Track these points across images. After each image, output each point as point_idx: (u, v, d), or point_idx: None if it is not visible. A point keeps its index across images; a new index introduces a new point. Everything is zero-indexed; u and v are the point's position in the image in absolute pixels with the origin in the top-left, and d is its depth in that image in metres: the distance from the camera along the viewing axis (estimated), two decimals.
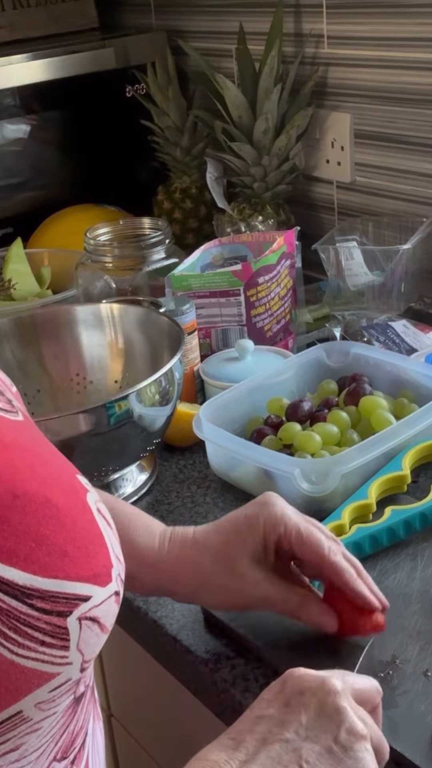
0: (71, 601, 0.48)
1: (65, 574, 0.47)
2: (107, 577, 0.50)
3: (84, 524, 0.50)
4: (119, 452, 0.97)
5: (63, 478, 0.51)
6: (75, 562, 0.48)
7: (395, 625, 0.78)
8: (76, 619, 0.48)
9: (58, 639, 0.47)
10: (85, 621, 0.48)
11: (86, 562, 0.49)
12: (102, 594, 0.49)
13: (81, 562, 0.49)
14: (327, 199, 1.56)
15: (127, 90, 1.71)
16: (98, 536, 0.51)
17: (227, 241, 1.31)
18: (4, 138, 1.63)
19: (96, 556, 0.50)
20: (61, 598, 0.47)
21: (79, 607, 0.48)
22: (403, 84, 1.35)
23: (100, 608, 0.49)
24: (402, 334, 1.24)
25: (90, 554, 0.49)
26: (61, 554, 0.48)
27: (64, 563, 0.48)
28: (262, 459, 0.95)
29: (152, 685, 0.98)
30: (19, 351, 1.13)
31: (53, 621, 0.47)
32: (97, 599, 0.49)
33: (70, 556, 0.48)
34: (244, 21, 1.53)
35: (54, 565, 0.47)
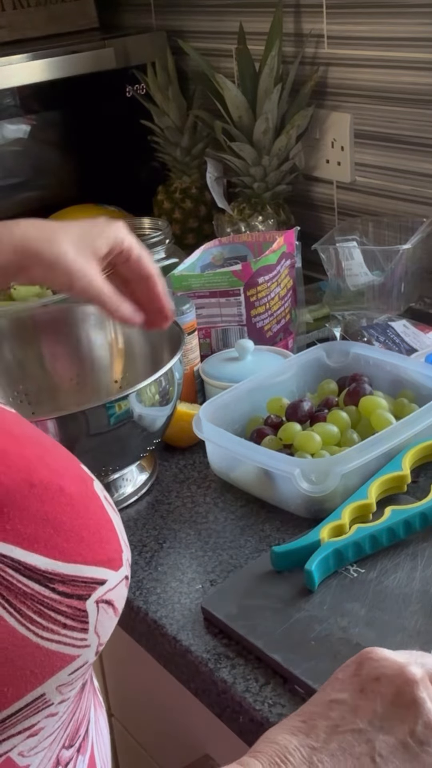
0: (89, 585, 0.49)
1: (83, 558, 0.49)
2: (119, 561, 0.52)
3: (95, 510, 0.51)
4: (119, 452, 0.97)
5: (71, 467, 0.53)
6: (91, 547, 0.49)
7: (395, 625, 0.78)
8: (94, 602, 0.49)
9: (78, 621, 0.48)
10: (101, 604, 0.50)
11: (100, 547, 0.50)
12: (115, 578, 0.51)
13: (96, 547, 0.50)
14: (327, 199, 1.56)
15: (127, 90, 1.71)
16: (108, 522, 0.52)
17: (227, 241, 1.31)
18: (4, 138, 1.63)
19: (109, 542, 0.51)
20: (80, 582, 0.48)
21: (96, 591, 0.49)
22: (403, 84, 1.35)
23: (114, 591, 0.51)
24: (402, 334, 1.24)
25: (103, 539, 0.51)
26: (78, 539, 0.49)
27: (81, 548, 0.49)
28: (262, 459, 0.95)
29: (152, 685, 0.98)
30: (19, 351, 1.13)
31: (74, 604, 0.48)
32: (111, 583, 0.50)
33: (86, 542, 0.49)
34: (244, 21, 1.53)
35: (73, 550, 0.48)
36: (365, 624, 0.78)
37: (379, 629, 0.78)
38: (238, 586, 0.85)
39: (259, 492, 0.99)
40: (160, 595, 0.87)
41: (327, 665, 0.74)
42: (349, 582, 0.84)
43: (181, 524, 0.97)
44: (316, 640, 0.77)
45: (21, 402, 1.11)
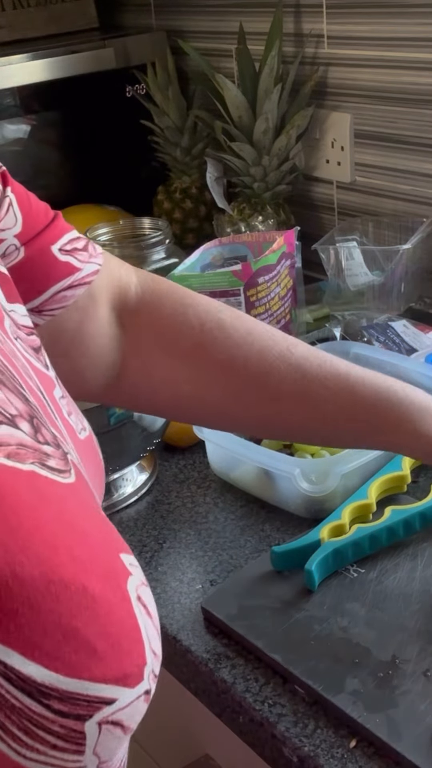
0: (93, 704, 0.42)
1: (91, 674, 0.42)
2: (139, 677, 0.45)
3: (121, 615, 0.45)
4: (119, 452, 0.97)
5: (102, 560, 0.45)
6: (104, 661, 0.43)
7: (395, 625, 0.78)
8: (96, 723, 0.43)
9: (72, 743, 0.42)
10: (106, 725, 0.43)
11: (117, 661, 0.44)
12: (130, 696, 0.44)
13: (111, 661, 0.43)
14: (327, 199, 1.56)
15: (127, 90, 1.71)
16: (134, 629, 0.45)
17: (227, 241, 1.31)
18: (4, 138, 1.63)
19: (129, 654, 0.45)
20: (82, 701, 0.42)
21: (101, 711, 0.43)
22: (403, 84, 1.35)
23: (126, 711, 0.44)
24: (402, 334, 1.24)
25: (123, 651, 0.44)
26: (90, 652, 0.42)
27: (92, 662, 0.42)
28: (262, 459, 0.95)
29: None
30: None
31: (69, 724, 0.42)
32: (123, 701, 0.44)
33: (99, 655, 0.43)
34: (244, 21, 1.53)
35: (80, 663, 0.42)
36: (365, 624, 0.78)
37: (379, 629, 0.78)
38: (238, 586, 0.85)
39: (259, 492, 0.99)
40: (160, 595, 0.87)
41: (327, 665, 0.74)
42: (349, 582, 0.84)
43: (181, 524, 0.97)
44: (316, 640, 0.77)
45: None
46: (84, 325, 0.71)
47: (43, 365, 0.59)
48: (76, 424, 0.57)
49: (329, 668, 0.74)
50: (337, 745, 0.69)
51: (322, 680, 0.73)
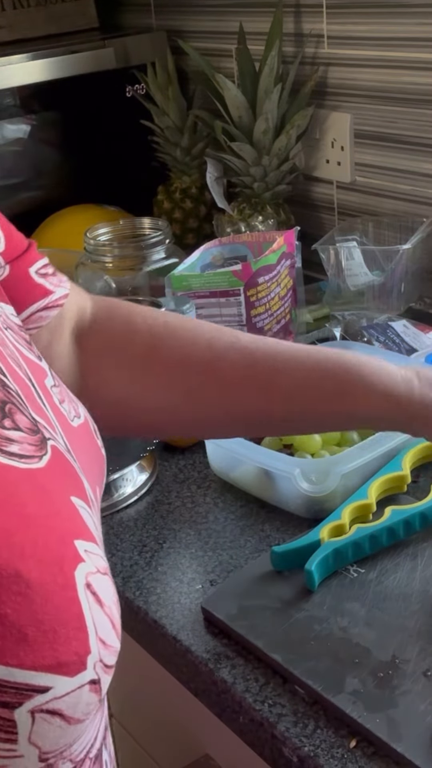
0: (22, 692, 0.42)
1: (18, 661, 0.42)
2: (79, 665, 0.44)
3: (60, 603, 0.44)
4: (119, 452, 0.97)
5: (48, 546, 0.45)
6: (35, 648, 0.43)
7: (395, 625, 0.78)
8: (28, 711, 0.42)
9: (1, 731, 0.42)
10: (40, 714, 0.43)
11: (51, 649, 0.43)
12: (68, 685, 0.44)
13: (44, 648, 0.43)
14: (327, 199, 1.56)
15: (127, 90, 1.71)
16: (76, 618, 0.45)
17: (227, 241, 1.31)
18: (4, 138, 1.63)
19: (66, 642, 0.44)
20: (9, 688, 0.42)
21: (32, 699, 0.42)
22: (403, 84, 1.35)
23: (64, 700, 0.44)
24: (402, 334, 1.24)
25: (59, 640, 0.43)
26: (19, 638, 0.42)
27: (20, 649, 0.42)
28: (262, 459, 0.95)
29: (152, 685, 0.98)
30: None
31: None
32: (59, 690, 0.43)
33: (29, 641, 0.42)
34: (244, 21, 1.53)
35: (7, 650, 0.42)
36: (365, 624, 0.78)
37: (379, 629, 0.78)
38: (238, 586, 0.85)
39: (259, 492, 0.99)
40: (160, 595, 0.87)
41: (327, 665, 0.74)
42: (349, 582, 0.84)
43: (181, 524, 0.97)
44: (316, 640, 0.77)
45: None
46: (52, 346, 0.73)
47: (36, 356, 0.60)
48: (69, 411, 0.58)
49: (329, 668, 0.74)
50: (337, 745, 0.69)
51: (322, 680, 0.73)
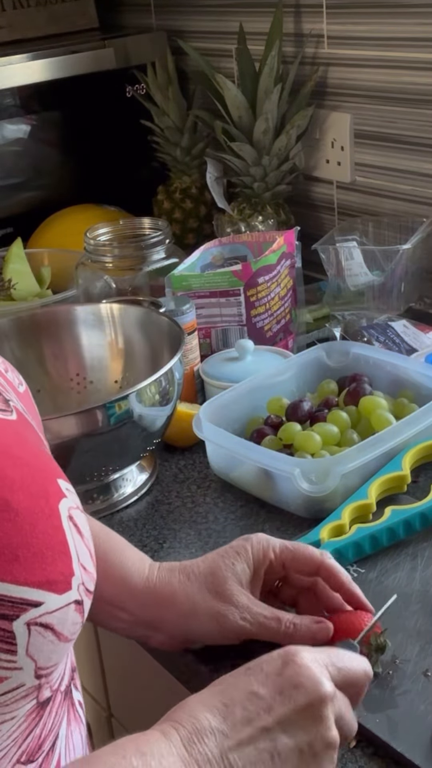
0: (18, 605, 0.48)
1: (13, 577, 0.47)
2: (65, 584, 0.50)
3: (45, 529, 0.50)
4: (119, 452, 0.97)
5: (35, 482, 0.51)
6: (26, 566, 0.48)
7: (395, 625, 0.78)
8: (24, 623, 0.48)
9: (4, 642, 0.47)
10: (35, 627, 0.48)
11: (40, 568, 0.49)
12: (58, 601, 0.49)
13: (34, 567, 0.48)
14: (327, 199, 1.56)
15: (127, 90, 1.71)
16: (61, 543, 0.51)
17: (227, 241, 1.31)
18: (4, 138, 1.63)
19: (53, 563, 0.50)
20: (6, 602, 0.47)
21: (27, 612, 0.48)
22: (403, 84, 1.35)
23: (55, 615, 0.49)
24: (402, 334, 1.24)
25: (47, 560, 0.49)
26: (11, 558, 0.48)
27: (13, 567, 0.48)
28: (262, 459, 0.95)
29: (152, 685, 0.98)
30: (19, 351, 1.13)
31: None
32: (50, 606, 0.49)
33: (21, 561, 0.48)
34: (244, 21, 1.53)
35: (1, 568, 0.47)
36: None
37: None
38: None
39: (259, 492, 0.99)
40: None
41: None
42: None
43: (181, 524, 0.97)
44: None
45: None
46: None
47: None
48: (14, 379, 0.63)
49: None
50: None
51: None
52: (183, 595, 0.74)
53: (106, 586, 0.74)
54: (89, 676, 1.13)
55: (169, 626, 0.75)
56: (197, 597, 0.73)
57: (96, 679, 1.14)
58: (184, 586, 0.74)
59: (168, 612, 0.74)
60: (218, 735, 0.55)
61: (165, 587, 0.75)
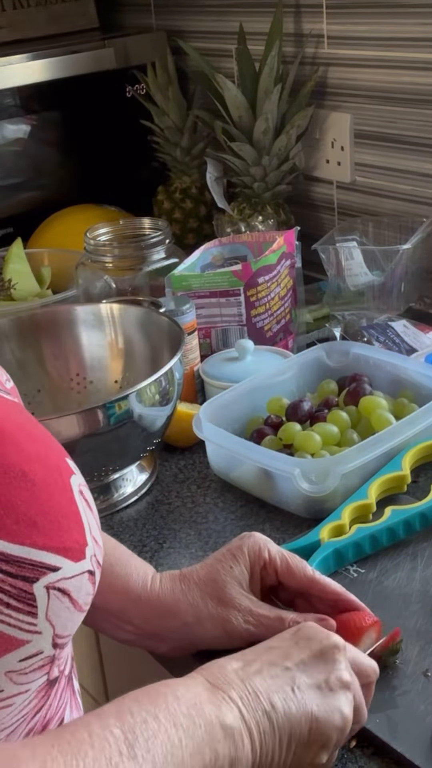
0: (38, 569, 0.49)
1: (32, 541, 0.49)
2: (80, 553, 0.52)
3: (61, 500, 0.52)
4: (119, 452, 0.97)
5: (49, 457, 0.54)
6: (44, 532, 0.50)
7: (395, 625, 0.78)
8: (44, 587, 0.50)
9: (24, 604, 0.49)
10: (53, 591, 0.50)
11: (57, 535, 0.51)
12: (73, 568, 0.51)
13: (51, 533, 0.51)
14: (327, 199, 1.56)
15: (127, 90, 1.71)
16: (74, 514, 0.53)
17: (227, 241, 1.31)
18: (4, 138, 1.63)
19: (69, 531, 0.52)
20: (27, 564, 0.49)
21: (46, 576, 0.50)
22: (403, 84, 1.35)
23: (71, 581, 0.51)
24: (402, 334, 1.24)
25: (63, 528, 0.51)
26: (30, 523, 0.50)
27: (32, 532, 0.50)
28: (262, 459, 0.95)
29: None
30: (19, 351, 1.13)
31: (18, 585, 0.49)
32: (67, 572, 0.51)
33: (39, 527, 0.50)
34: (244, 21, 1.53)
35: (21, 532, 0.49)
36: None
37: None
38: None
39: (259, 492, 0.99)
40: None
41: None
42: (349, 582, 0.84)
43: (181, 524, 0.97)
44: None
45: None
46: None
47: None
48: (1, 375, 0.65)
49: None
50: None
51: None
52: (186, 604, 0.74)
53: (111, 598, 0.75)
54: (89, 676, 1.13)
55: (174, 636, 0.76)
56: (200, 605, 0.74)
57: (96, 679, 1.14)
58: (186, 596, 0.74)
59: (172, 622, 0.75)
60: (241, 671, 0.60)
61: (168, 598, 0.75)
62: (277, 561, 0.74)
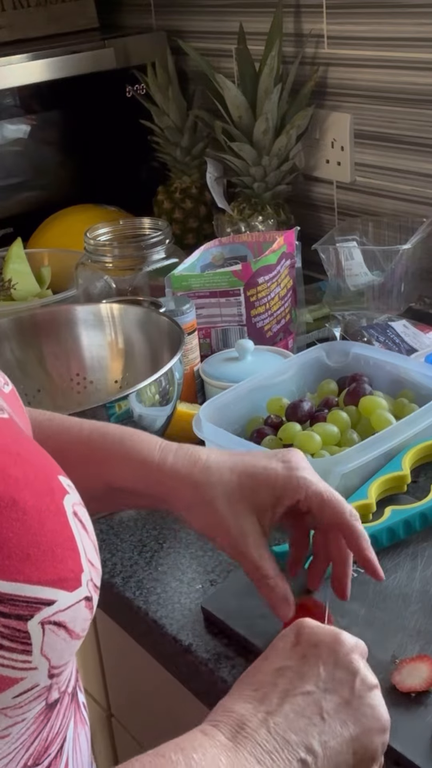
0: (32, 605, 0.47)
1: (26, 577, 0.47)
2: (75, 582, 0.50)
3: (53, 527, 0.50)
4: None
5: (39, 479, 0.51)
6: (38, 565, 0.48)
7: (395, 625, 0.78)
8: (38, 623, 0.47)
9: (19, 643, 0.47)
10: (49, 626, 0.48)
11: (51, 566, 0.48)
12: (69, 599, 0.49)
13: (45, 565, 0.48)
14: (327, 199, 1.56)
15: (127, 90, 1.71)
16: (69, 540, 0.50)
17: (227, 241, 1.31)
18: (4, 138, 1.63)
19: (63, 560, 0.49)
20: (20, 602, 0.47)
21: (41, 611, 0.47)
22: (403, 84, 1.35)
23: (67, 613, 0.49)
24: (402, 334, 1.24)
25: (57, 558, 0.49)
26: (23, 557, 0.47)
27: (25, 566, 0.47)
28: None
29: (152, 685, 0.98)
30: (19, 351, 1.13)
31: (12, 624, 0.46)
32: (62, 604, 0.48)
33: (32, 560, 0.47)
34: (244, 21, 1.53)
35: (14, 568, 0.47)
36: (365, 624, 0.78)
37: (379, 629, 0.78)
38: (238, 586, 0.85)
39: None
40: (160, 595, 0.87)
41: None
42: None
43: (181, 524, 0.97)
44: None
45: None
46: None
47: None
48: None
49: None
50: None
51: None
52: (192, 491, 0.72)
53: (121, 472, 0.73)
54: (89, 676, 1.13)
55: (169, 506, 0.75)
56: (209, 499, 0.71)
57: (96, 679, 1.14)
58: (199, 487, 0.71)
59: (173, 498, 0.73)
60: (260, 715, 0.54)
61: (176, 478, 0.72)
62: (313, 500, 0.71)
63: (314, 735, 0.53)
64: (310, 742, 0.53)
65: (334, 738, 0.54)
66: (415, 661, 0.72)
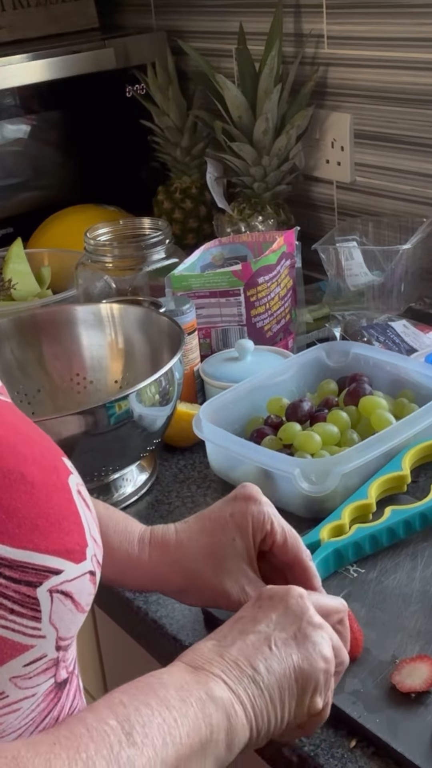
0: (41, 573, 0.49)
1: (35, 545, 0.49)
2: (81, 554, 0.52)
3: (60, 502, 0.52)
4: (119, 452, 0.97)
5: (45, 458, 0.54)
6: (46, 535, 0.50)
7: (395, 625, 0.78)
8: (47, 590, 0.50)
9: (28, 609, 0.49)
10: (56, 594, 0.50)
11: (58, 537, 0.51)
12: (75, 570, 0.51)
13: (53, 536, 0.51)
14: (327, 199, 1.56)
15: (127, 90, 1.71)
16: (74, 514, 0.53)
17: (227, 241, 1.31)
18: (4, 138, 1.63)
19: (69, 533, 0.52)
20: (29, 569, 0.49)
21: (49, 579, 0.50)
22: (403, 84, 1.35)
23: (73, 584, 0.51)
24: (402, 334, 1.24)
25: (63, 530, 0.51)
26: (32, 527, 0.50)
27: (34, 536, 0.49)
28: (262, 459, 0.95)
29: None
30: (19, 351, 1.13)
31: (22, 590, 0.49)
32: (69, 574, 0.51)
33: (40, 530, 0.50)
34: (244, 21, 1.53)
35: (23, 536, 0.49)
36: (365, 624, 0.78)
37: (379, 629, 0.78)
38: None
39: None
40: (160, 595, 0.87)
41: None
42: (349, 582, 0.84)
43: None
44: None
45: (21, 402, 1.11)
46: None
47: None
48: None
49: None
50: (337, 745, 0.69)
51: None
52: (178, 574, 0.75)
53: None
54: (89, 676, 1.13)
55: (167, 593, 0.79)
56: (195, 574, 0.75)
57: (96, 679, 1.14)
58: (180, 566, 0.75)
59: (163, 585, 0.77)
60: (216, 649, 0.61)
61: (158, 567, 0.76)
62: (277, 536, 0.74)
63: (261, 659, 0.60)
64: (256, 664, 0.60)
65: (279, 663, 0.60)
66: (415, 661, 0.72)
